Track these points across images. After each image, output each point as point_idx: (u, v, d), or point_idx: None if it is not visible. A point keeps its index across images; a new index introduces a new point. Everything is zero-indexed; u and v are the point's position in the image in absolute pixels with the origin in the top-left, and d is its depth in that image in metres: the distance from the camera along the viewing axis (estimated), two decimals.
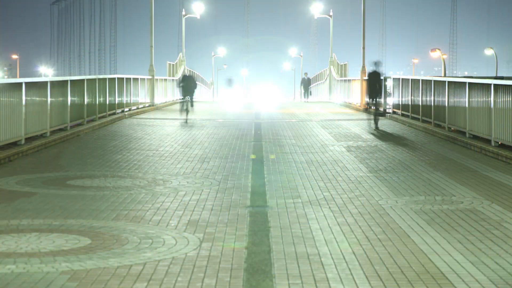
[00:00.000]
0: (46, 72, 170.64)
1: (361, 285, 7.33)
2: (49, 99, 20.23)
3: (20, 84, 17.94)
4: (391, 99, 32.52)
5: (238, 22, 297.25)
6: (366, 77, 24.96)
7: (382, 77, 25.56)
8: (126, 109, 32.10)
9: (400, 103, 30.31)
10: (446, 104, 22.97)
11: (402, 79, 30.41)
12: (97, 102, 26.63)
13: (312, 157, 17.72)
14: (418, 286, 7.31)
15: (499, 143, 18.08)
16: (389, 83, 32.84)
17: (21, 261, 8.00)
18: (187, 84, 30.45)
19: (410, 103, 28.40)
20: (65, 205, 11.36)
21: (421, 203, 11.71)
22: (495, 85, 18.40)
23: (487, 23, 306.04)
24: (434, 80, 25.19)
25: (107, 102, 28.37)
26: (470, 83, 20.68)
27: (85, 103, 24.71)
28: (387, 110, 32.66)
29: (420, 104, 26.57)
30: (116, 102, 30.22)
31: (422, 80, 26.88)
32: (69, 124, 22.36)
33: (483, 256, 8.41)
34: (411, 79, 28.66)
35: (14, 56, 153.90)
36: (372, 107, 23.73)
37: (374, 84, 25.28)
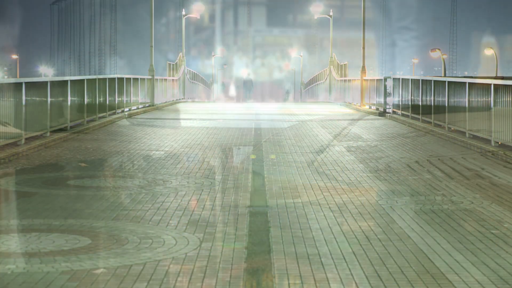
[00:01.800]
0: (46, 72, 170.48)
1: (361, 285, 7.32)
2: (49, 99, 20.22)
3: (20, 84, 17.94)
4: (391, 99, 32.50)
5: (238, 22, 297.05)
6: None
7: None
8: (126, 109, 32.09)
9: (400, 103, 30.30)
10: (446, 104, 22.96)
11: (402, 79, 30.39)
12: (97, 102, 26.62)
13: (312, 157, 17.70)
14: (418, 286, 7.31)
15: (499, 143, 18.07)
16: (389, 83, 32.83)
17: (21, 261, 7.99)
18: None
19: (410, 103, 28.39)
20: (65, 205, 11.36)
21: (421, 203, 11.70)
22: (495, 85, 18.39)
23: (487, 24, 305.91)
24: (434, 80, 25.17)
25: (107, 102, 28.35)
26: (470, 83, 20.68)
27: (85, 103, 24.70)
28: (387, 110, 32.65)
29: (420, 104, 26.55)
30: (116, 102, 30.21)
31: (422, 80, 26.86)
32: (69, 124, 22.36)
33: (483, 256, 8.40)
34: (411, 79, 28.65)
35: (14, 56, 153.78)
36: None
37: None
